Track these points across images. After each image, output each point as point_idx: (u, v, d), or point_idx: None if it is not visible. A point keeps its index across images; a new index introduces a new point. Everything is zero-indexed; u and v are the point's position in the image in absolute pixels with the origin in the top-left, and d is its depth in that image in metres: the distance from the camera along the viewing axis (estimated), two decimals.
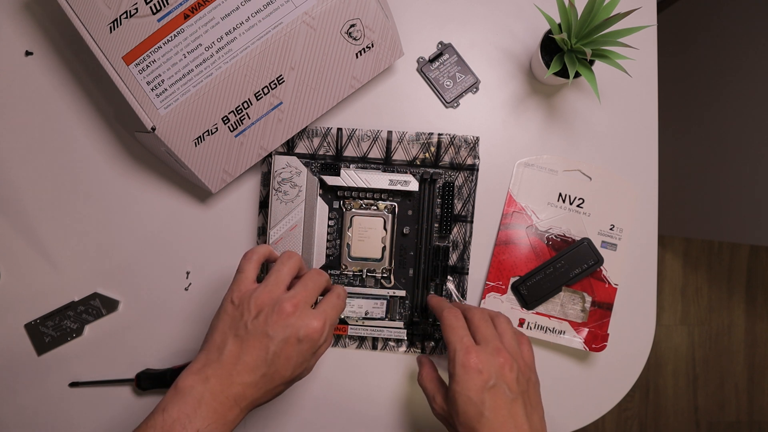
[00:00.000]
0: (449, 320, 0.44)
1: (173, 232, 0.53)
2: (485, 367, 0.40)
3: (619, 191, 0.53)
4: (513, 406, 0.40)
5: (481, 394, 0.40)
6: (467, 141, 0.52)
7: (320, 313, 0.41)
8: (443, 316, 0.44)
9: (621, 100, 0.54)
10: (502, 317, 0.45)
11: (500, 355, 0.41)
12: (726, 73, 0.99)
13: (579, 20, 0.46)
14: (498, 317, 0.45)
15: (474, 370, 0.40)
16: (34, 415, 0.53)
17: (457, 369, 0.41)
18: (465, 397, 0.40)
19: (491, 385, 0.40)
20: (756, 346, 1.42)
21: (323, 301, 0.43)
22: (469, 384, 0.40)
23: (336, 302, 0.43)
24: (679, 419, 1.41)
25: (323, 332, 0.41)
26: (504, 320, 0.45)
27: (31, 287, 0.53)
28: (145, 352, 0.53)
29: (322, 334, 0.41)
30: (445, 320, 0.44)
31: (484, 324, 0.43)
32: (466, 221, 0.52)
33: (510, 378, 0.41)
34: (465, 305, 0.47)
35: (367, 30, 0.46)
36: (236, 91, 0.46)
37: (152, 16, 0.45)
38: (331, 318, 0.42)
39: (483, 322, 0.43)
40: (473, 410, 0.40)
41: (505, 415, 0.40)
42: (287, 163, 0.50)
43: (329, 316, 0.42)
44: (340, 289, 0.45)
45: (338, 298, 0.44)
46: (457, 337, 0.42)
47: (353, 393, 0.53)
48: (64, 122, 0.53)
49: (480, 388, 0.40)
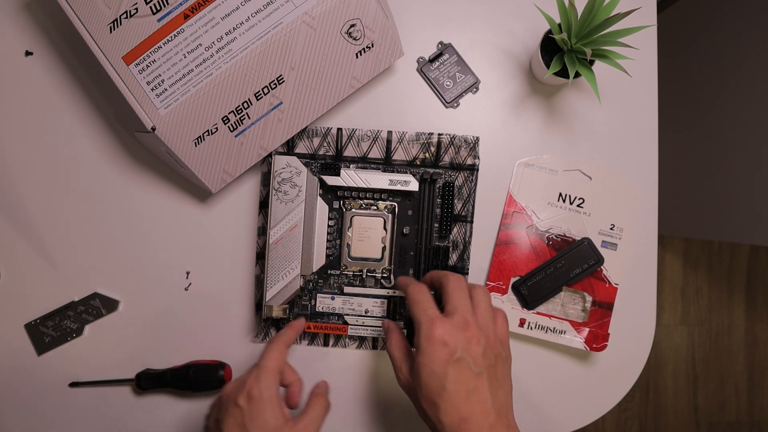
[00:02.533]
0: (413, 295, 0.42)
1: (173, 232, 0.53)
2: (450, 339, 0.39)
3: (619, 191, 0.53)
4: (477, 380, 0.39)
5: (445, 367, 0.38)
6: (467, 141, 0.52)
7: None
8: (408, 292, 0.43)
9: (621, 100, 0.54)
10: (479, 288, 0.43)
11: (468, 328, 0.40)
12: (726, 73, 0.99)
13: (579, 20, 0.46)
14: (476, 288, 0.43)
15: (439, 342, 0.39)
16: (34, 415, 0.53)
17: (422, 341, 0.39)
18: (429, 369, 0.39)
19: (456, 358, 0.39)
20: (756, 346, 1.43)
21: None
22: (434, 356, 0.39)
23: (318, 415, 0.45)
24: (679, 419, 1.41)
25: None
26: (481, 291, 0.43)
27: (31, 287, 0.53)
28: (145, 352, 0.53)
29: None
30: (410, 295, 0.43)
31: (457, 293, 0.42)
32: (466, 221, 0.52)
33: (476, 352, 0.39)
34: (444, 272, 0.45)
35: (367, 30, 0.46)
36: (236, 91, 0.46)
37: (152, 16, 0.45)
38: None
39: (457, 290, 0.42)
40: (436, 383, 0.38)
41: (467, 389, 0.38)
42: (287, 163, 0.50)
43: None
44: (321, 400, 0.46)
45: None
46: (421, 309, 0.41)
47: (353, 393, 0.53)
48: (64, 122, 0.53)
49: (444, 360, 0.38)
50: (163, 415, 0.54)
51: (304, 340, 0.53)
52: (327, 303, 0.52)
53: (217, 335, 0.53)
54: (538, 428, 0.53)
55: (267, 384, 0.42)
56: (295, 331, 0.49)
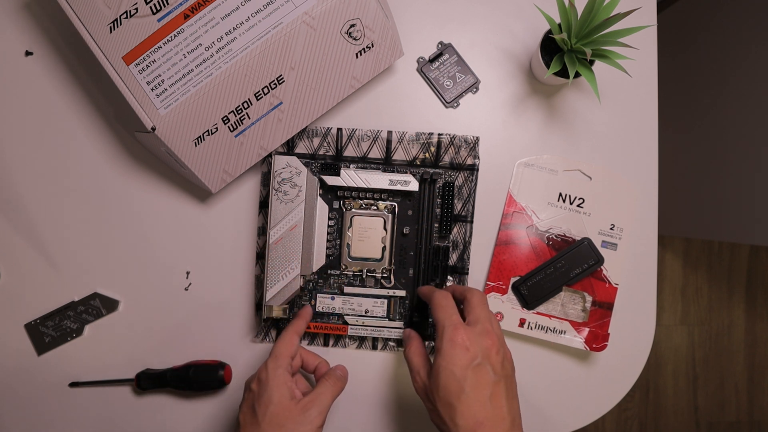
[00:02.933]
0: (438, 300, 0.44)
1: (173, 232, 0.53)
2: (473, 345, 0.40)
3: (619, 191, 0.53)
4: (496, 387, 0.40)
5: (465, 371, 0.40)
6: (467, 141, 0.52)
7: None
8: (433, 297, 0.45)
9: (621, 100, 0.54)
10: (492, 313, 0.45)
11: (489, 336, 0.41)
12: (726, 73, 0.99)
13: (579, 20, 0.46)
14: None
15: (461, 346, 0.40)
16: (34, 415, 0.53)
17: (444, 344, 0.41)
18: (449, 371, 0.40)
19: (476, 364, 0.40)
20: (756, 346, 1.42)
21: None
22: (455, 359, 0.40)
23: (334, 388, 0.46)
24: (679, 419, 1.41)
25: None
26: (493, 315, 0.45)
27: (31, 287, 0.53)
28: (145, 352, 0.53)
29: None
30: (435, 299, 0.44)
31: (480, 306, 0.43)
32: (466, 221, 0.52)
33: (495, 360, 0.41)
34: (467, 287, 0.47)
35: (367, 30, 0.46)
36: (236, 91, 0.46)
37: (152, 16, 0.45)
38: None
39: (481, 304, 0.44)
40: (455, 386, 0.40)
41: (486, 394, 0.40)
42: (287, 163, 0.50)
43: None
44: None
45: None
46: (446, 314, 0.43)
47: (353, 393, 0.53)
48: (64, 122, 0.53)
49: (465, 364, 0.40)
50: (163, 415, 0.54)
51: (304, 340, 0.53)
52: (327, 303, 0.52)
53: (217, 335, 0.53)
54: (538, 428, 0.53)
55: (273, 366, 0.44)
56: (303, 319, 0.50)
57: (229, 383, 0.53)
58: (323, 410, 0.44)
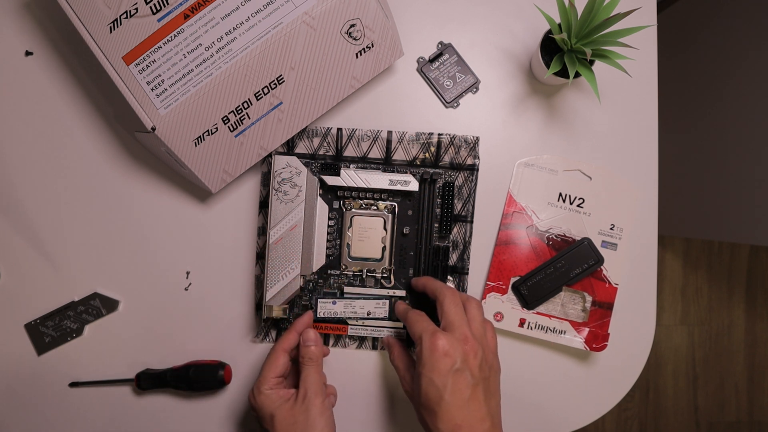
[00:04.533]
0: (413, 317, 0.45)
1: (173, 232, 0.53)
2: (452, 351, 0.41)
3: (619, 191, 0.53)
4: (474, 391, 0.41)
5: (445, 378, 0.40)
6: (467, 141, 0.52)
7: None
8: (408, 316, 0.46)
9: (621, 100, 0.54)
10: (473, 302, 0.46)
11: (467, 341, 0.42)
12: (726, 73, 0.99)
13: (579, 20, 0.46)
14: (469, 301, 0.46)
15: (441, 352, 0.41)
16: (34, 415, 0.53)
17: (424, 352, 0.42)
18: (428, 379, 0.41)
19: (456, 369, 0.41)
20: (756, 346, 1.42)
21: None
22: (435, 366, 0.41)
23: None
24: (679, 419, 1.41)
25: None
26: (475, 305, 0.45)
27: (31, 287, 0.53)
28: (145, 352, 0.53)
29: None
30: (410, 318, 0.45)
31: (453, 308, 0.44)
32: (466, 221, 0.52)
33: (474, 364, 0.42)
34: (440, 284, 0.47)
35: (367, 30, 0.46)
36: (236, 91, 0.46)
37: (152, 16, 0.45)
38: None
39: (453, 305, 0.44)
40: (434, 393, 0.41)
41: (464, 399, 0.41)
42: (287, 163, 0.50)
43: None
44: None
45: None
46: (421, 326, 0.44)
47: (353, 393, 0.53)
48: (64, 122, 0.53)
49: (446, 371, 0.41)
50: (163, 415, 0.54)
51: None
52: (329, 308, 0.52)
53: (217, 335, 0.53)
54: (538, 428, 0.53)
55: (257, 392, 0.46)
56: (296, 331, 0.49)
57: (229, 383, 0.53)
58: (318, 392, 0.45)
